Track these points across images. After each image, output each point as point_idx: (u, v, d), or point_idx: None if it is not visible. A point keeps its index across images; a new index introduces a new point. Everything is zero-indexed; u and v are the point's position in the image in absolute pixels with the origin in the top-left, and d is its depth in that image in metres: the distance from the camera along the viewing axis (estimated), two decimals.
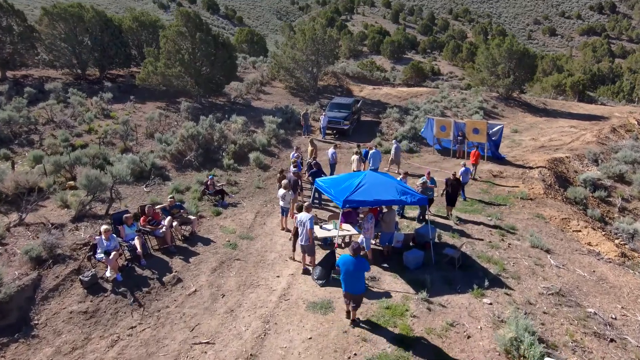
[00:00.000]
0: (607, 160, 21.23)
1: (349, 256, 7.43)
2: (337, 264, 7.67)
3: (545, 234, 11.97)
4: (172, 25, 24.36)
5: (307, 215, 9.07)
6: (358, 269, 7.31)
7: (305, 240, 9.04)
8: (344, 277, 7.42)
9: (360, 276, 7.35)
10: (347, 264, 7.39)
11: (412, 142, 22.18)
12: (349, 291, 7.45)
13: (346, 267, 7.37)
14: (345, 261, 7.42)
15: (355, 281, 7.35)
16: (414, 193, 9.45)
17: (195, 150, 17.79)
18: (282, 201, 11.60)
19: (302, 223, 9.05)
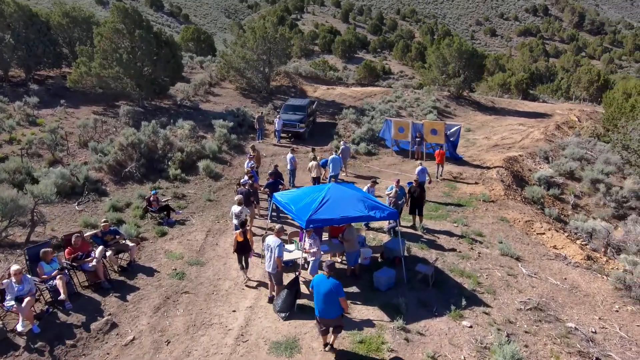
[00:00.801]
0: (556, 158, 21.80)
1: (324, 276, 6.65)
2: (311, 286, 6.85)
3: (512, 239, 11.66)
4: (108, 22, 22.15)
5: (276, 240, 8.02)
6: (331, 290, 6.53)
7: (273, 267, 7.98)
8: (318, 300, 6.64)
9: (335, 300, 6.58)
10: (319, 285, 6.61)
11: (370, 144, 21.60)
12: (324, 316, 6.63)
13: (319, 289, 6.60)
14: (319, 281, 6.63)
15: (329, 305, 6.57)
16: (383, 207, 8.63)
17: (137, 160, 16.06)
18: (237, 219, 10.41)
19: (270, 249, 8.01)
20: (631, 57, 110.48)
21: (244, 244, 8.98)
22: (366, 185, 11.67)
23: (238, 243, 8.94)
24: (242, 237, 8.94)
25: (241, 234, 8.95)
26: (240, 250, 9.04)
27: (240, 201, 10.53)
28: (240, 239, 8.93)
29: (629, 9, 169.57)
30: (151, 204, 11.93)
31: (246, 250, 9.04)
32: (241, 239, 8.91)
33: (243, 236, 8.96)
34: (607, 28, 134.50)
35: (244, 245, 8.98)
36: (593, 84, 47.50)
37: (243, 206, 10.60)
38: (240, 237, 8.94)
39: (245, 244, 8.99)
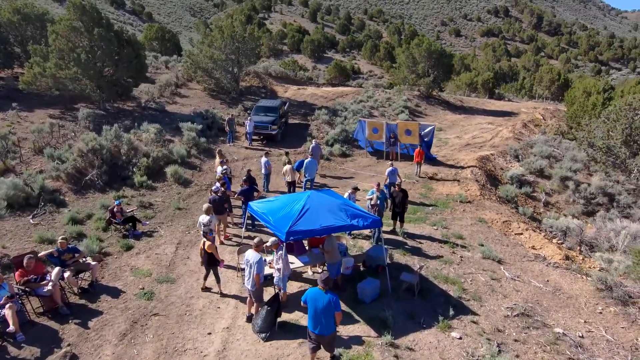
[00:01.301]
0: (526, 156, 22.21)
1: (320, 291, 6.24)
2: (304, 300, 6.40)
3: (491, 240, 11.57)
4: (63, 19, 20.75)
5: (255, 256, 7.47)
6: (329, 306, 6.17)
7: (252, 284, 7.41)
8: (314, 317, 6.25)
9: (332, 315, 6.23)
10: (316, 300, 6.20)
11: (345, 145, 21.27)
12: (322, 333, 6.25)
13: (315, 304, 6.19)
14: (314, 296, 6.24)
15: (326, 320, 6.21)
16: (366, 214, 8.23)
17: (99, 167, 15.01)
18: (205, 228, 9.77)
19: (249, 264, 7.45)
20: (586, 57, 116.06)
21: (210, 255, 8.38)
22: (347, 192, 11.24)
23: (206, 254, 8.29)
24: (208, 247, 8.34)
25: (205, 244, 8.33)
26: (207, 262, 8.42)
27: (209, 210, 9.90)
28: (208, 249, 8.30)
29: (582, 11, 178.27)
30: (115, 215, 11.06)
31: (212, 262, 8.44)
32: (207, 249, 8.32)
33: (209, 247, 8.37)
34: (564, 29, 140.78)
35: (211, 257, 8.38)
36: (554, 83, 49.25)
37: (212, 215, 9.97)
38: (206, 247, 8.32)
39: (211, 256, 8.41)
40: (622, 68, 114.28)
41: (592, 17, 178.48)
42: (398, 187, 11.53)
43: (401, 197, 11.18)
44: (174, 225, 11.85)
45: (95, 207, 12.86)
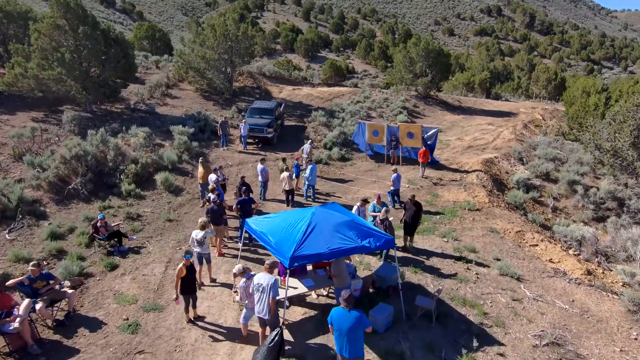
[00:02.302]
0: (530, 158, 21.53)
1: (344, 310, 5.72)
2: (330, 322, 5.83)
3: (506, 253, 10.79)
4: (46, 17, 19.65)
5: (269, 278, 6.66)
6: (356, 325, 5.64)
7: (266, 312, 6.58)
8: (341, 339, 5.75)
9: (360, 335, 5.72)
10: (341, 321, 5.69)
11: (343, 148, 20.42)
12: (353, 356, 5.75)
13: (340, 325, 5.69)
14: (339, 317, 5.71)
15: (354, 342, 5.70)
16: (379, 233, 7.39)
17: (83, 175, 14.02)
18: (199, 247, 8.87)
19: (261, 288, 6.64)
20: (578, 56, 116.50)
21: (190, 281, 7.43)
22: (355, 205, 10.32)
23: (182, 280, 7.34)
24: (187, 271, 7.37)
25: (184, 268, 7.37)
26: (186, 291, 7.46)
27: (205, 224, 9.00)
28: (184, 273, 7.34)
29: (573, 11, 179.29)
30: (98, 230, 10.10)
31: (192, 290, 7.53)
32: (184, 274, 7.35)
33: (188, 270, 7.38)
34: (556, 28, 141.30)
35: (190, 283, 7.43)
36: (551, 82, 48.85)
37: (208, 231, 9.07)
38: (184, 271, 7.35)
39: (192, 281, 7.47)
40: (613, 67, 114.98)
41: (582, 16, 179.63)
42: (411, 200, 10.61)
43: (413, 211, 10.29)
44: (164, 240, 10.92)
45: (79, 220, 11.90)
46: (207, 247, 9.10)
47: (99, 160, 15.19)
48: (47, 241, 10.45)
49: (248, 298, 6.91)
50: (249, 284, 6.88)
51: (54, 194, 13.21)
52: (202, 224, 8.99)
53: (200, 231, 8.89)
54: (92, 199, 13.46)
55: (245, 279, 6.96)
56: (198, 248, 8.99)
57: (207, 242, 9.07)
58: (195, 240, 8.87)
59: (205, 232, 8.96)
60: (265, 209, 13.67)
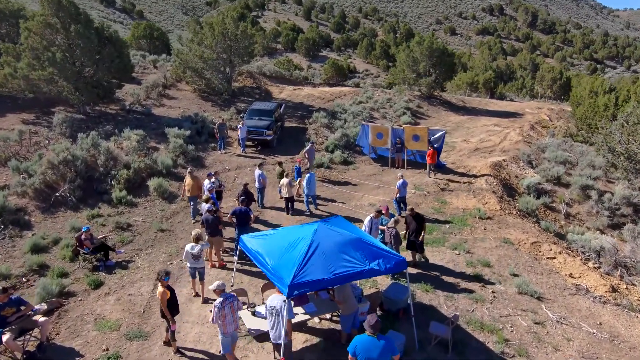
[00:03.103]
0: (539, 161, 20.75)
1: (368, 337, 5.11)
2: (352, 352, 5.16)
3: (522, 267, 10.02)
4: (37, 15, 18.92)
5: (281, 298, 6.04)
6: (386, 353, 5.03)
7: (280, 336, 5.89)
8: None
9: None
10: (369, 350, 5.06)
11: (346, 151, 19.64)
12: None
13: (368, 355, 5.06)
14: (367, 346, 5.08)
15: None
16: (389, 254, 6.62)
17: (71, 181, 13.29)
18: (193, 261, 8.17)
19: (274, 311, 6.01)
20: (581, 55, 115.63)
21: (174, 301, 6.81)
22: (368, 217, 9.48)
23: (168, 302, 6.72)
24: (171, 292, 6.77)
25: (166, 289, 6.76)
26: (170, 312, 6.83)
27: (198, 237, 8.28)
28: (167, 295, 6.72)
29: (574, 10, 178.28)
30: (82, 243, 9.35)
31: (175, 310, 6.91)
32: (168, 295, 6.74)
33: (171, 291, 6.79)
34: (558, 27, 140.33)
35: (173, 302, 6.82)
36: (556, 82, 48.03)
37: (203, 244, 8.36)
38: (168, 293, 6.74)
39: (175, 301, 6.84)
40: (616, 66, 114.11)
41: (584, 15, 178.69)
42: (411, 213, 9.73)
43: (415, 226, 9.45)
44: (154, 253, 10.17)
45: (64, 230, 11.17)
46: (203, 261, 8.41)
47: (89, 165, 14.45)
48: (29, 254, 9.70)
49: (221, 321, 6.19)
50: (225, 306, 6.19)
51: (40, 202, 12.48)
52: (196, 236, 8.29)
53: (195, 244, 8.21)
54: (80, 207, 12.73)
55: (222, 299, 6.24)
56: (194, 262, 8.30)
57: (202, 255, 8.38)
58: (191, 254, 8.18)
59: (201, 245, 8.29)
60: (264, 217, 12.93)
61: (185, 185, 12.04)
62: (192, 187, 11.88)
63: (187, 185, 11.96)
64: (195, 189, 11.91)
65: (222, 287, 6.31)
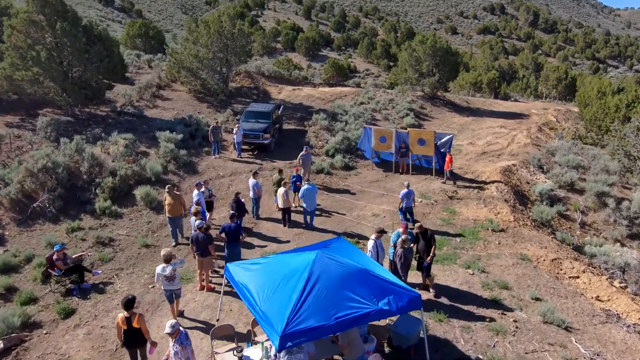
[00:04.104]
0: (550, 165, 19.77)
1: None
2: None
3: (544, 290, 9.04)
4: (21, 12, 17.93)
5: None
6: None
7: None
8: None
9: None
10: None
11: (347, 155, 18.65)
12: None
13: None
14: None
15: None
16: (401, 288, 5.64)
17: (51, 190, 12.30)
18: (168, 283, 7.30)
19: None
20: (583, 55, 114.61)
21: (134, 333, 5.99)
22: (371, 238, 8.47)
23: (124, 333, 6.01)
24: (126, 324, 6.00)
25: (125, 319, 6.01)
26: (128, 344, 6.09)
27: (170, 256, 7.38)
28: (123, 326, 6.02)
29: (575, 9, 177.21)
30: (54, 265, 8.37)
31: (140, 342, 6.12)
32: (125, 327, 6.02)
33: (127, 324, 6.01)
34: (560, 27, 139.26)
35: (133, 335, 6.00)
36: (561, 82, 47.01)
37: (176, 262, 7.45)
38: (123, 324, 6.02)
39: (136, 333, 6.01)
40: (619, 66, 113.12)
41: (585, 14, 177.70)
42: (419, 228, 8.72)
43: (423, 245, 8.44)
44: (136, 273, 9.19)
45: (40, 246, 10.21)
46: (179, 282, 7.48)
47: (72, 172, 13.48)
48: None
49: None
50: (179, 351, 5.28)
51: (16, 213, 11.51)
52: (166, 256, 7.38)
53: (166, 265, 7.31)
54: (60, 219, 11.76)
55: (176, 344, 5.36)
56: (168, 284, 7.38)
57: (177, 275, 7.45)
58: (163, 276, 7.28)
59: (173, 264, 7.39)
60: (258, 229, 11.95)
61: (165, 204, 10.61)
62: (173, 207, 10.46)
63: (167, 205, 10.49)
64: (176, 209, 10.49)
65: (173, 329, 5.47)
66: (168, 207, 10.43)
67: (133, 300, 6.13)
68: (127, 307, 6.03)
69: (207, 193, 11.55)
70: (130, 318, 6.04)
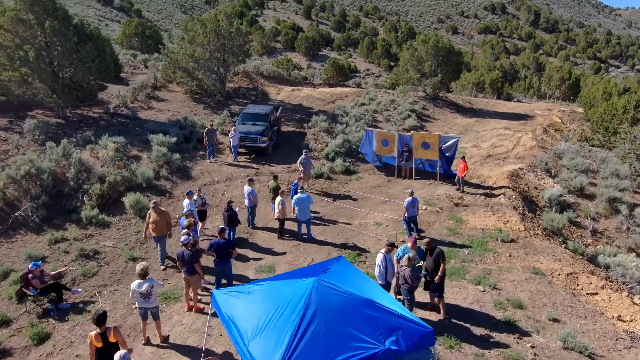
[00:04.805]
0: (557, 169, 19.08)
1: None
2: None
3: (561, 308, 8.36)
4: (9, 10, 17.24)
5: None
6: None
7: None
8: None
9: None
10: None
11: (348, 159, 17.97)
12: None
13: None
14: None
15: None
16: (411, 322, 4.96)
17: (35, 197, 11.62)
18: (143, 300, 6.73)
19: None
20: (584, 54, 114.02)
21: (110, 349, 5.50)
22: (380, 252, 7.64)
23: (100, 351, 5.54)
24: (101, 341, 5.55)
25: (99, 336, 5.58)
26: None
27: (145, 271, 6.76)
28: (98, 344, 5.56)
29: (576, 9, 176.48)
30: (29, 283, 7.68)
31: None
32: (100, 344, 5.56)
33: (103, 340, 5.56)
34: (561, 26, 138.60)
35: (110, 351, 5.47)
36: (564, 82, 46.31)
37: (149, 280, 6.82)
38: (97, 342, 5.57)
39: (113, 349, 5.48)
40: (620, 65, 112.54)
41: (586, 14, 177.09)
42: (427, 244, 7.98)
43: (431, 261, 7.71)
44: (120, 291, 8.51)
45: (19, 259, 9.52)
46: (155, 299, 6.84)
47: (59, 178, 12.80)
48: None
49: None
50: None
51: None
52: (141, 271, 6.76)
53: (142, 281, 6.69)
54: (44, 228, 11.08)
55: None
56: (143, 302, 6.75)
57: (154, 292, 6.81)
58: (139, 293, 6.67)
59: (149, 280, 6.77)
60: (253, 240, 11.27)
61: (149, 222, 9.36)
62: (158, 225, 9.29)
63: (152, 222, 9.30)
64: (162, 227, 9.33)
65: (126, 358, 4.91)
66: (152, 226, 9.28)
67: (104, 315, 5.70)
68: (99, 323, 5.62)
69: (200, 201, 10.87)
70: (105, 334, 5.61)
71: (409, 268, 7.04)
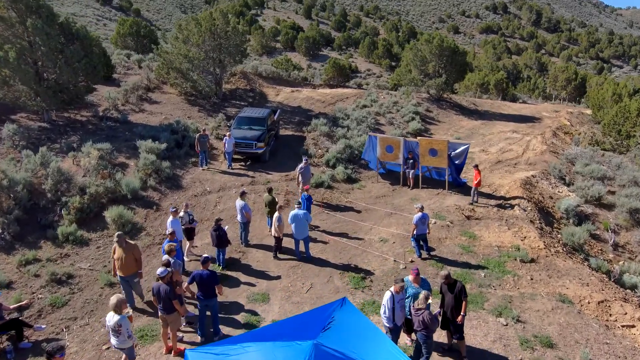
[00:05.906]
0: (571, 175, 18.03)
1: None
2: None
3: (596, 346, 7.31)
4: None
5: None
6: None
7: None
8: None
9: None
10: None
11: (350, 165, 16.91)
12: None
13: None
14: None
15: None
16: None
17: (7, 212, 10.56)
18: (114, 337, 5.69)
19: None
20: (587, 54, 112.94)
21: None
22: (388, 292, 6.49)
23: None
24: None
25: None
26: None
27: (120, 304, 5.72)
28: None
29: (577, 8, 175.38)
30: None
31: None
32: None
33: None
34: (563, 26, 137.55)
35: None
36: (570, 82, 45.22)
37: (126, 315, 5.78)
38: None
39: None
40: (623, 65, 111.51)
41: (587, 14, 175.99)
42: (446, 278, 6.82)
43: (451, 298, 6.65)
44: (91, 325, 7.44)
45: None
46: (126, 340, 5.82)
47: (35, 189, 11.73)
48: None
49: None
50: None
51: None
52: (115, 303, 5.74)
53: (114, 314, 5.67)
54: (16, 247, 10.02)
55: None
56: (114, 340, 5.73)
57: (126, 331, 5.77)
58: (109, 327, 5.68)
59: (122, 316, 5.75)
60: (246, 260, 10.21)
61: (114, 259, 7.82)
62: (125, 263, 7.72)
63: (116, 260, 7.76)
64: (130, 265, 7.76)
65: None
66: (118, 263, 7.72)
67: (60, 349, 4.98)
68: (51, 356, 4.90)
69: (187, 218, 9.80)
70: None
71: (427, 310, 5.97)
